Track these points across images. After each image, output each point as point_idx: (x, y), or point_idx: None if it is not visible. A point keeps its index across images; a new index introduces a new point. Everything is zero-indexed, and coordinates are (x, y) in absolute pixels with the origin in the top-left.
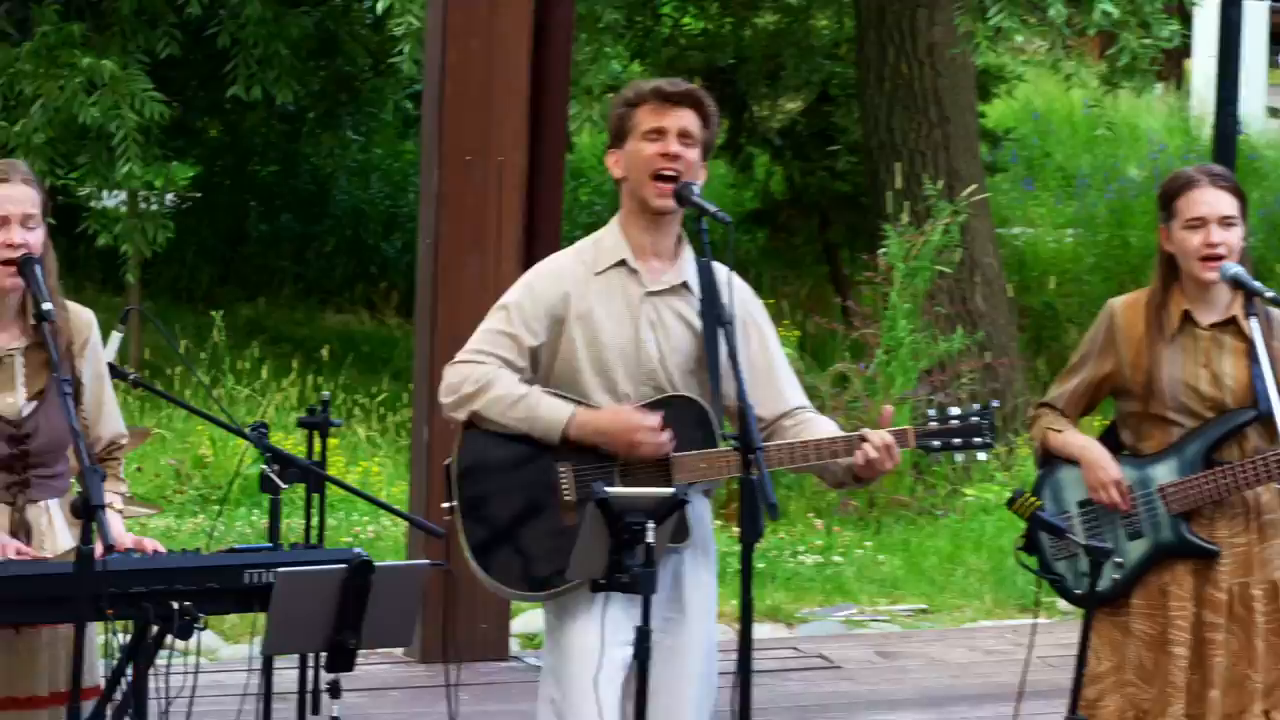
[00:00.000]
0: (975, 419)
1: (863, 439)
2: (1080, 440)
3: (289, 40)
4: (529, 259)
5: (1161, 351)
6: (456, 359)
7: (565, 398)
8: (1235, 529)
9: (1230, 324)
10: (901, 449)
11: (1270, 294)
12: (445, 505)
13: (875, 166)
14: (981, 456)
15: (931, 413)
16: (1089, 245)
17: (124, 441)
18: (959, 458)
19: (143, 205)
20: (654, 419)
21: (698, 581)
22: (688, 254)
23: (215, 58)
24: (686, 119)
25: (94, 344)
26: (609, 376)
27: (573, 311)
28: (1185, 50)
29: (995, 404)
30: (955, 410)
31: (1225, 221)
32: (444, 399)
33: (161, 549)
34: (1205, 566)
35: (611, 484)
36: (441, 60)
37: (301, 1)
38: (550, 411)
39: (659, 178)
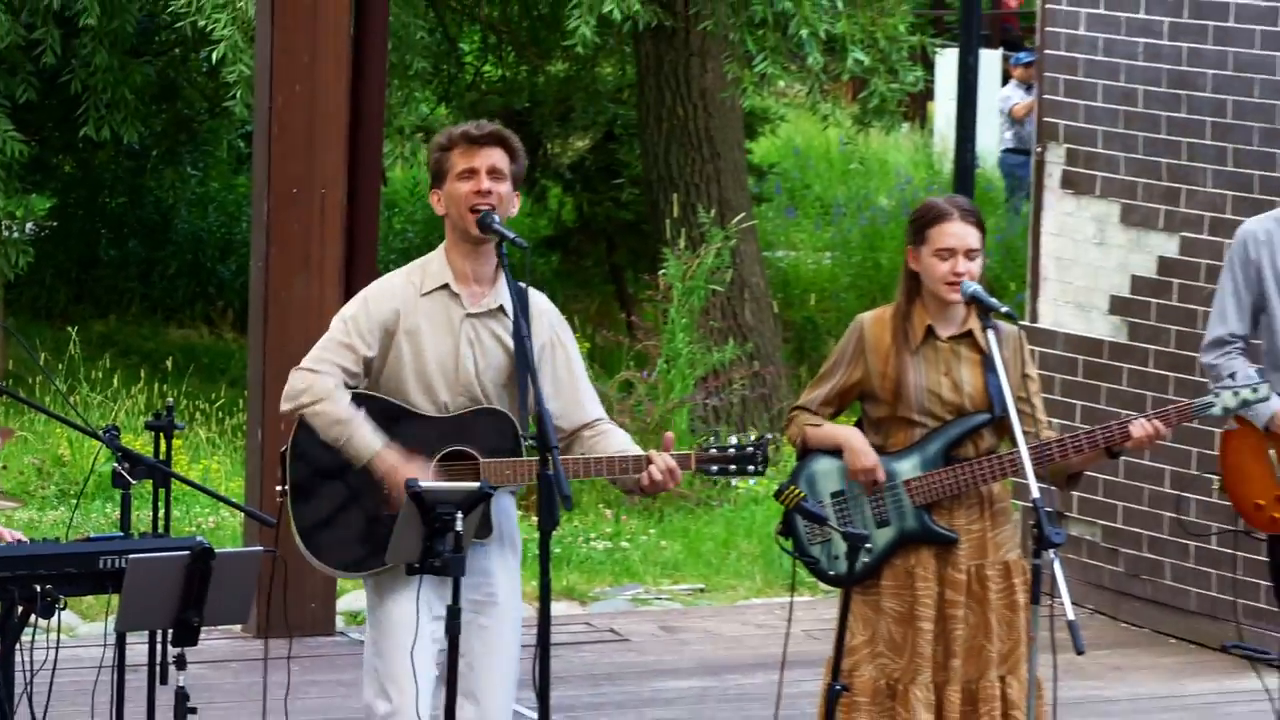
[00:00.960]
0: (750, 449)
1: (649, 461)
2: (841, 430)
3: (133, 86)
4: (349, 280)
5: (907, 360)
6: (302, 365)
7: (380, 427)
8: (971, 517)
9: (967, 336)
10: (683, 470)
11: (1004, 309)
12: (278, 489)
13: (655, 197)
14: (752, 482)
15: (713, 441)
16: (844, 266)
17: None
18: (734, 481)
19: (5, 233)
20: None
21: (504, 567)
22: (504, 280)
23: (68, 102)
24: (495, 157)
25: None
26: (431, 386)
27: (401, 327)
28: (928, 94)
29: (769, 436)
30: (734, 440)
31: (970, 254)
32: (284, 403)
33: (24, 538)
34: (946, 551)
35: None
36: (269, 104)
37: (144, 51)
38: (362, 443)
39: (474, 210)
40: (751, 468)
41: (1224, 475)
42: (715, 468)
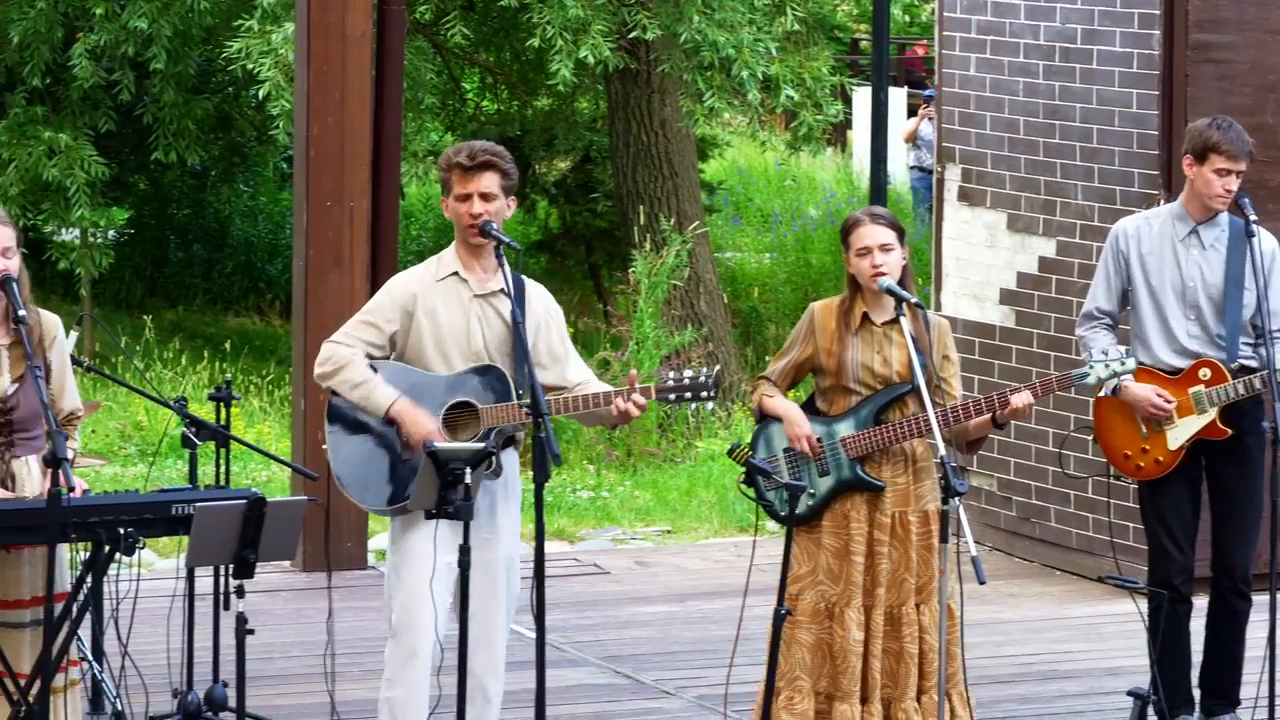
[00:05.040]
0: (702, 378)
1: (618, 394)
2: (784, 405)
3: (195, 118)
4: (374, 277)
5: (848, 341)
6: (331, 338)
7: (398, 384)
8: (897, 471)
9: (895, 322)
10: (645, 399)
11: (913, 300)
12: (324, 445)
13: (625, 209)
14: (709, 406)
15: (671, 373)
16: (781, 265)
17: (80, 413)
18: (692, 407)
19: (91, 239)
20: (434, 430)
21: (506, 511)
22: (504, 270)
23: (141, 131)
24: (485, 181)
25: (59, 340)
26: (447, 355)
27: (420, 307)
28: (848, 124)
29: (719, 367)
30: (689, 371)
31: (884, 248)
32: (315, 369)
33: (88, 488)
34: (875, 498)
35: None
36: (306, 132)
37: (203, 90)
38: (380, 397)
39: (470, 226)
40: (705, 394)
41: (1097, 431)
42: (673, 396)
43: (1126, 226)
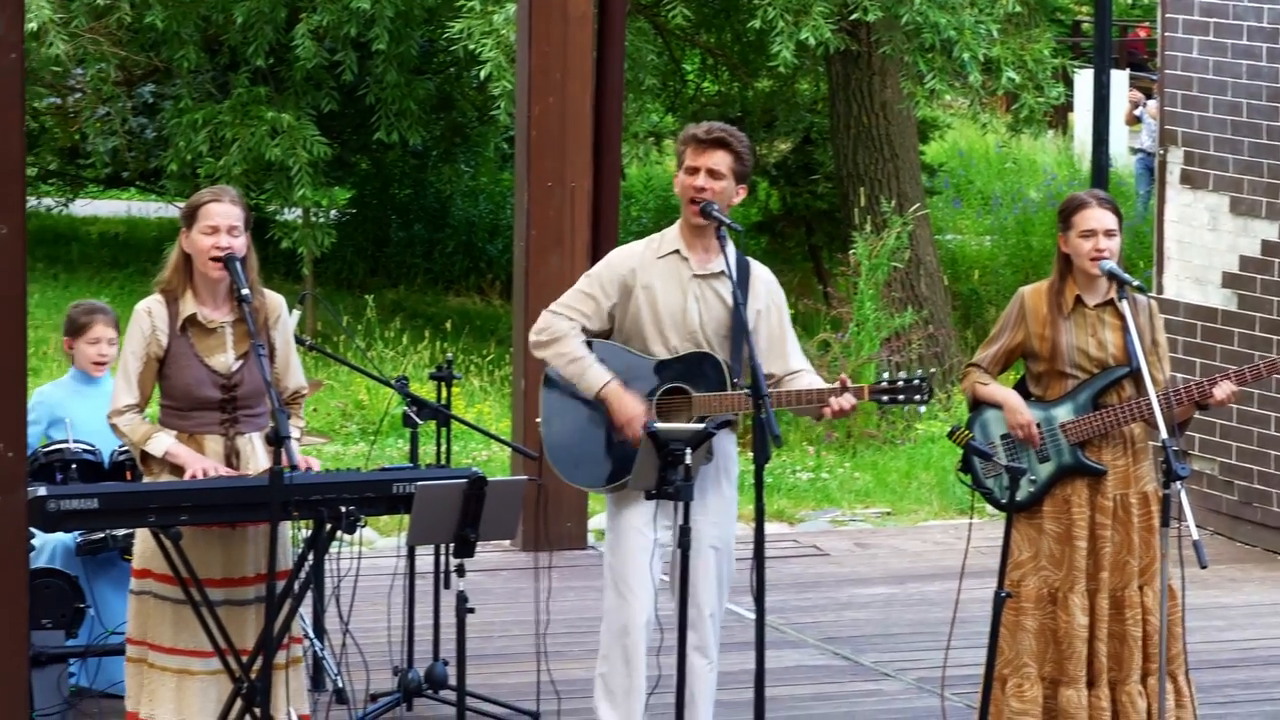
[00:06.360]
0: (916, 381)
1: (831, 393)
2: (1002, 391)
3: (417, 99)
4: (594, 257)
5: (1060, 325)
6: (550, 308)
7: (612, 365)
8: (1116, 454)
9: (1109, 305)
10: (858, 400)
11: (1135, 283)
12: (538, 420)
13: (845, 190)
14: (921, 409)
15: (885, 375)
16: (1002, 247)
17: (305, 391)
18: (906, 409)
19: (313, 218)
20: (640, 414)
21: (718, 493)
22: (729, 250)
23: (364, 111)
24: (715, 158)
25: (283, 319)
26: (663, 332)
27: (639, 282)
28: (1069, 106)
29: (932, 370)
30: (903, 374)
31: (1109, 233)
32: (532, 334)
33: (318, 466)
34: (1096, 482)
35: (651, 417)
36: (528, 113)
37: (425, 70)
38: (593, 378)
39: (693, 201)
40: (918, 397)
41: None
42: (885, 398)
43: None
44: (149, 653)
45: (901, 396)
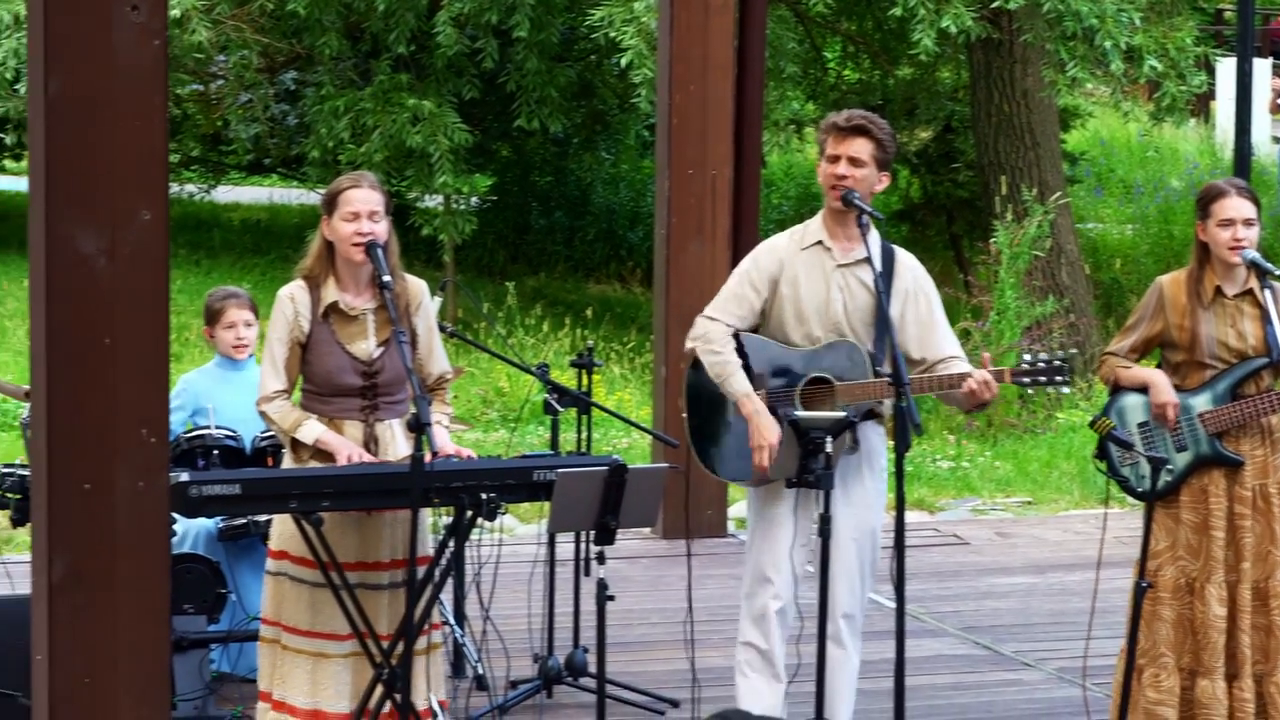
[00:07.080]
0: (1058, 363)
1: (969, 376)
2: (1147, 372)
3: (558, 86)
4: (735, 245)
5: (1200, 315)
6: (705, 312)
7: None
8: (1255, 444)
9: (1248, 294)
10: (1000, 384)
11: (1277, 272)
12: (682, 410)
13: (986, 179)
14: (1065, 390)
15: (1026, 357)
16: (1144, 236)
17: (449, 376)
18: (1049, 390)
19: (454, 205)
20: (774, 443)
21: (861, 484)
22: (873, 238)
23: (505, 98)
24: (856, 146)
25: (425, 305)
26: (806, 323)
27: (784, 276)
28: (1211, 94)
29: (1074, 351)
30: (1044, 355)
31: (1248, 222)
32: (688, 341)
33: (474, 455)
34: (1234, 472)
35: (795, 408)
36: (669, 100)
37: (566, 58)
38: (736, 385)
39: (834, 188)
40: (1060, 378)
41: None
42: (1027, 379)
43: None
44: (283, 634)
45: (1044, 378)
